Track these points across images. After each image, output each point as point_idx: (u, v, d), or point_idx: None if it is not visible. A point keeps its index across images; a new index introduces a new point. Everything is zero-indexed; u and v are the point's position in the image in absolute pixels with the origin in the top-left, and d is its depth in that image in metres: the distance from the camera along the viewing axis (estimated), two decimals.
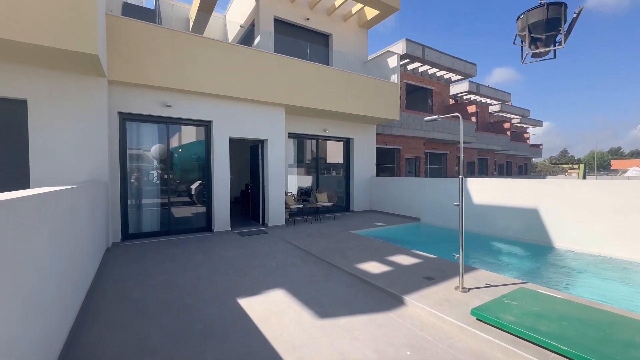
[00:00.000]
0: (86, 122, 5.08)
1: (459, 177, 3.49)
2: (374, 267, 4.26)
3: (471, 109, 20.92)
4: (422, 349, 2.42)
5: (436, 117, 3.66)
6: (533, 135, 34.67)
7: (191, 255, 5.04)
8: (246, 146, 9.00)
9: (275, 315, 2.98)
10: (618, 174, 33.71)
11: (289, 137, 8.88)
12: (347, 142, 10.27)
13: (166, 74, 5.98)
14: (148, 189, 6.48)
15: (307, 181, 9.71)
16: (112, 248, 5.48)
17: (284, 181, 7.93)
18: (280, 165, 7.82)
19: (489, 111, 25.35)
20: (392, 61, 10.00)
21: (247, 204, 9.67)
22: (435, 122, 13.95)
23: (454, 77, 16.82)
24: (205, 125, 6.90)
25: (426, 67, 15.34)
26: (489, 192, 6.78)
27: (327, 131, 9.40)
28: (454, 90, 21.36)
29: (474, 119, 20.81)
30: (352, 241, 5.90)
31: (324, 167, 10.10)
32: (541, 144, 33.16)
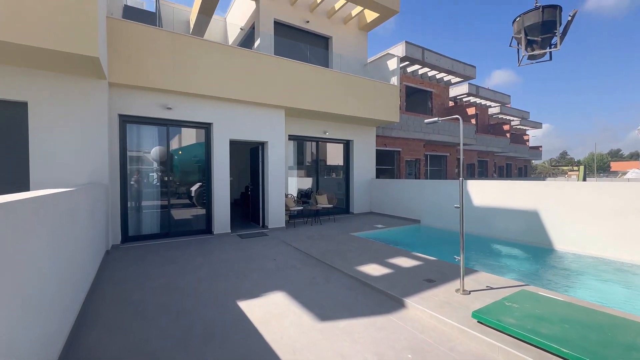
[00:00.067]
0: (86, 124, 5.09)
1: (459, 179, 3.48)
2: (374, 270, 4.25)
3: (471, 111, 20.99)
4: (423, 352, 2.40)
5: (436, 119, 3.67)
6: (533, 137, 34.75)
7: (191, 258, 5.02)
8: (246, 148, 9.00)
9: (275, 317, 2.97)
10: (618, 175, 33.73)
11: (289, 139, 8.89)
12: (347, 144, 10.28)
13: (166, 76, 5.99)
14: (148, 191, 6.48)
15: (307, 183, 9.70)
16: (111, 250, 5.47)
17: (284, 183, 7.93)
18: (280, 167, 7.82)
19: (489, 113, 25.42)
20: (392, 63, 10.04)
21: (247, 206, 9.65)
22: (435, 124, 13.97)
23: (454, 79, 16.88)
24: (205, 127, 6.91)
25: (426, 70, 15.40)
26: (489, 194, 6.77)
27: (327, 133, 9.42)
28: (453, 92, 21.44)
29: (473, 121, 20.88)
30: (352, 243, 5.89)
31: (324, 169, 10.10)
32: (541, 145, 33.22)
